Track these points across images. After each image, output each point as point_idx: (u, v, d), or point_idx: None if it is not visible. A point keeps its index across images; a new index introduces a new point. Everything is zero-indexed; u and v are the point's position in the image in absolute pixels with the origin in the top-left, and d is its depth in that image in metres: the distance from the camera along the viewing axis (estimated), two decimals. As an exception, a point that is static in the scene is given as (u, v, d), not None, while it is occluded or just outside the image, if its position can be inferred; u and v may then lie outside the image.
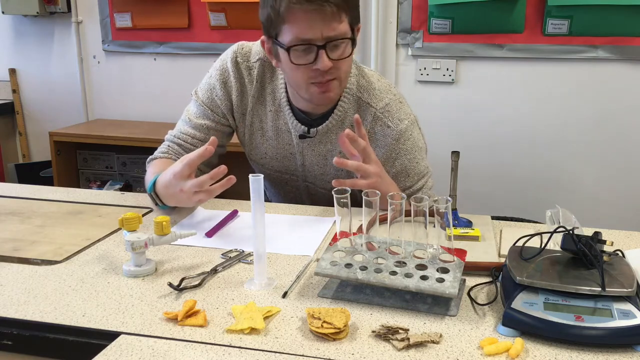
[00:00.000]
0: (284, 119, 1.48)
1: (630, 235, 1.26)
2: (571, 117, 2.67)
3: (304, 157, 1.50)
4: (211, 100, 1.50)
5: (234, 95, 1.49)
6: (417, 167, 1.46)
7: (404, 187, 1.45)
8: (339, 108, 1.43)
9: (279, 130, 1.50)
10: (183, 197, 1.26)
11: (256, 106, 1.50)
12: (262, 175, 0.98)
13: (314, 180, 1.54)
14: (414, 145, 1.45)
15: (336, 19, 1.26)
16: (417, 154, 1.46)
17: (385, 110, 1.44)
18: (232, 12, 2.88)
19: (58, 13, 3.13)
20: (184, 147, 1.50)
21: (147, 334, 0.87)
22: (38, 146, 3.40)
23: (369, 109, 1.44)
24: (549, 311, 0.85)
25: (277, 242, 1.20)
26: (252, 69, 1.48)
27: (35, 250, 1.17)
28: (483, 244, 1.19)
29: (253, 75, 1.48)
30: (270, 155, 1.54)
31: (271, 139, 1.52)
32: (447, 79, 2.74)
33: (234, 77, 1.48)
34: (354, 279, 0.96)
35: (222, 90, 1.49)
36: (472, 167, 2.67)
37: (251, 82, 1.48)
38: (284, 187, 1.60)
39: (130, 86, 3.18)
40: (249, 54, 1.49)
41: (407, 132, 1.44)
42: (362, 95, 1.44)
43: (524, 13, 2.56)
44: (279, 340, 0.85)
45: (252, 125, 1.52)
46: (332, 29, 1.26)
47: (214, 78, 1.51)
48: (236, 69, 1.48)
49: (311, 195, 1.59)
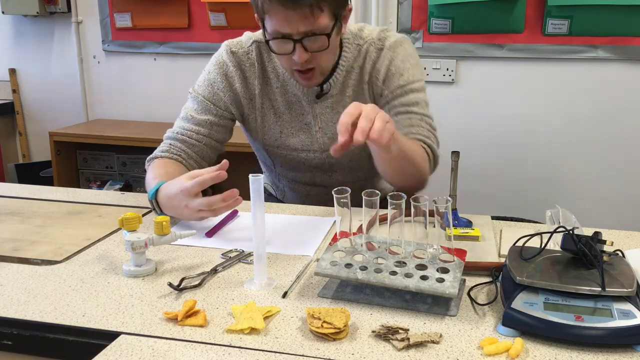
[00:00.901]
0: (292, 91, 1.50)
1: (630, 235, 1.26)
2: (571, 117, 2.67)
3: (321, 120, 1.51)
4: (213, 94, 1.50)
5: (237, 84, 1.50)
6: (410, 71, 1.47)
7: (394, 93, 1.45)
8: (342, 59, 1.47)
9: (290, 104, 1.51)
10: (186, 213, 1.24)
11: (263, 87, 1.51)
12: (262, 175, 0.98)
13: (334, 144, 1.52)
14: (407, 53, 1.49)
15: (313, 14, 1.27)
16: (411, 59, 1.49)
17: (384, 37, 1.49)
18: (232, 12, 2.88)
19: (58, 13, 3.13)
20: (187, 144, 1.48)
21: (147, 334, 0.87)
22: (38, 146, 3.40)
23: (369, 44, 1.48)
24: (549, 311, 0.85)
25: (277, 242, 1.20)
26: (250, 52, 1.50)
27: (35, 250, 1.17)
28: (483, 244, 1.19)
29: (252, 58, 1.50)
30: (286, 132, 1.54)
31: (284, 114, 1.52)
32: (447, 79, 2.74)
33: (234, 66, 1.50)
34: (354, 279, 0.96)
35: (223, 82, 1.50)
36: (472, 167, 2.67)
37: (252, 65, 1.50)
38: (301, 166, 1.58)
39: (130, 86, 3.18)
40: (241, 42, 1.52)
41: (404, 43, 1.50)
42: (359, 40, 1.48)
43: (524, 13, 2.56)
44: (279, 340, 0.85)
45: (263, 106, 1.53)
46: (308, 24, 1.28)
47: (213, 73, 1.51)
48: (234, 58, 1.50)
49: (330, 167, 1.58)
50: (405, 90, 1.46)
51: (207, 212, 1.22)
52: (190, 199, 1.22)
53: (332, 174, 1.59)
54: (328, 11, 1.30)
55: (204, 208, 1.21)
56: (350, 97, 1.49)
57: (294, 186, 1.65)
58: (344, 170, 1.58)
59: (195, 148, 1.48)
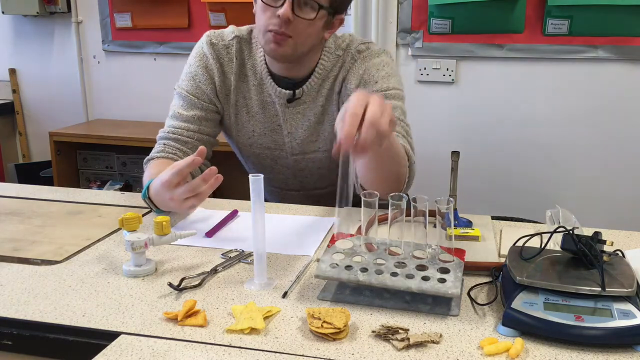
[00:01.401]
0: (267, 91, 1.49)
1: (630, 235, 1.26)
2: (571, 117, 2.67)
3: (290, 125, 1.51)
4: (196, 87, 1.50)
5: (216, 76, 1.50)
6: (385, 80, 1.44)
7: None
8: (319, 66, 1.46)
9: (264, 103, 1.51)
10: (173, 205, 1.24)
11: (239, 84, 1.51)
12: (262, 175, 0.98)
13: (301, 149, 1.54)
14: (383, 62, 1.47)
15: None
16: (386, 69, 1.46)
17: (364, 49, 1.47)
18: (232, 12, 2.88)
19: (58, 13, 3.13)
20: (180, 142, 1.48)
21: (147, 334, 0.87)
22: (38, 146, 3.40)
23: (347, 54, 1.47)
24: (549, 311, 0.85)
25: (277, 242, 1.20)
26: (230, 47, 1.50)
27: (35, 250, 1.17)
28: (483, 244, 1.19)
29: (232, 53, 1.50)
30: (258, 131, 1.54)
31: (257, 114, 1.52)
32: (447, 79, 2.74)
33: (213, 58, 1.49)
34: (355, 281, 0.95)
35: (204, 74, 1.50)
36: (472, 167, 2.67)
37: (231, 60, 1.50)
38: (273, 167, 1.59)
39: (130, 86, 3.18)
40: (222, 35, 1.52)
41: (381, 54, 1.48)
42: (339, 51, 1.48)
43: (524, 13, 2.56)
44: (279, 340, 0.85)
45: (237, 103, 1.53)
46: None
47: (194, 66, 1.51)
48: (213, 50, 1.50)
49: (299, 172, 1.58)
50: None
51: (193, 199, 1.21)
52: (172, 190, 1.22)
53: (303, 179, 1.60)
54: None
55: (188, 195, 1.20)
56: (322, 106, 1.49)
57: (267, 189, 1.65)
58: (314, 176, 1.59)
59: (188, 145, 1.48)
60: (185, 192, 1.20)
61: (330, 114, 1.50)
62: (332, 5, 1.35)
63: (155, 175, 1.35)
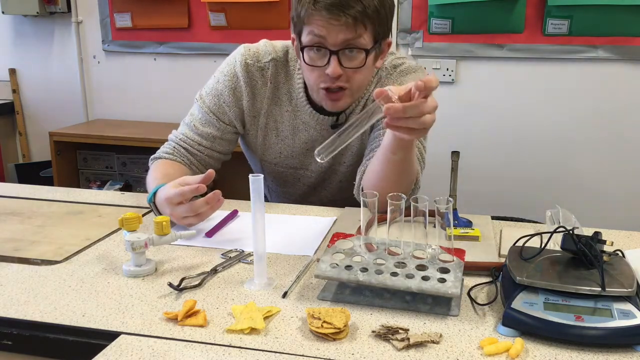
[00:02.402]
0: (302, 118, 1.46)
1: (630, 235, 1.26)
2: (571, 117, 2.67)
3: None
4: (218, 106, 1.47)
5: (245, 100, 1.46)
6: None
7: None
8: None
9: (295, 129, 1.49)
10: (173, 219, 1.24)
11: (271, 107, 1.48)
12: (262, 175, 0.98)
13: (328, 165, 1.51)
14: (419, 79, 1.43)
15: (356, 27, 1.25)
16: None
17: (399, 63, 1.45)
18: (232, 12, 2.89)
19: (58, 13, 3.13)
20: (190, 152, 1.48)
21: (147, 334, 0.87)
22: (38, 146, 3.40)
23: (382, 71, 1.44)
24: (549, 311, 0.85)
25: (277, 242, 1.20)
26: (265, 69, 1.45)
27: (35, 250, 1.17)
28: (483, 244, 1.19)
29: (267, 76, 1.45)
30: (286, 154, 1.53)
31: (287, 138, 1.50)
32: (447, 79, 2.74)
33: (244, 82, 1.45)
34: (355, 281, 0.95)
35: (230, 97, 1.46)
36: (472, 167, 2.67)
37: (265, 83, 1.46)
38: (294, 183, 1.58)
39: (130, 86, 3.18)
40: (258, 55, 1.46)
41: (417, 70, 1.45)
42: (380, 72, 1.45)
43: (524, 13, 2.56)
44: (279, 340, 0.85)
45: (267, 126, 1.50)
46: (349, 34, 1.25)
47: (222, 84, 1.46)
48: (246, 73, 1.45)
49: (319, 185, 1.57)
50: None
51: (192, 218, 1.22)
52: (173, 207, 1.22)
53: (322, 192, 1.59)
54: (370, 31, 1.28)
55: (189, 215, 1.22)
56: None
57: (282, 200, 1.64)
58: (334, 190, 1.58)
59: (197, 157, 1.48)
60: (186, 211, 1.21)
61: None
62: (376, 40, 1.30)
63: (160, 178, 1.34)
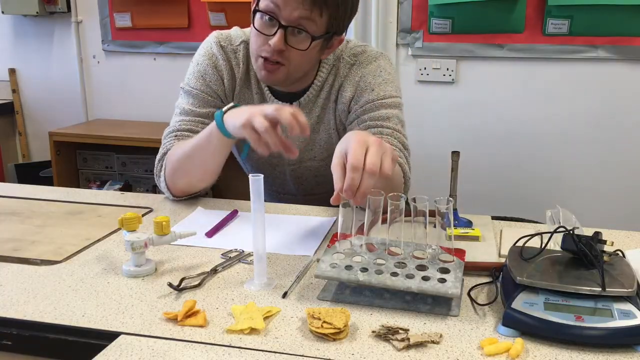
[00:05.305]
0: (266, 102, 1.47)
1: (630, 235, 1.26)
2: (571, 118, 2.67)
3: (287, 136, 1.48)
4: (206, 86, 1.46)
5: (226, 78, 1.47)
6: (382, 87, 1.41)
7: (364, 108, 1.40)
8: (317, 78, 1.45)
9: None
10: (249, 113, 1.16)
11: (242, 90, 1.49)
12: (262, 176, 0.98)
13: (298, 158, 1.48)
14: (380, 68, 1.43)
15: (311, 10, 1.26)
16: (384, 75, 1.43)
17: (359, 51, 1.45)
18: (232, 12, 2.88)
19: (58, 13, 3.13)
20: (195, 132, 1.41)
21: (147, 334, 0.87)
22: (38, 146, 3.40)
23: (341, 61, 1.45)
24: (549, 311, 0.85)
25: (277, 242, 1.20)
26: (237, 51, 1.47)
27: (35, 250, 1.17)
28: (483, 244, 1.19)
29: (239, 57, 1.47)
30: None
31: None
32: (447, 79, 2.74)
33: (223, 59, 1.46)
34: (355, 281, 0.95)
35: (215, 74, 1.46)
36: (472, 167, 2.67)
37: (238, 64, 1.47)
38: (271, 172, 1.58)
39: (130, 86, 3.18)
40: (230, 38, 1.48)
41: (378, 58, 1.44)
42: (334, 58, 1.45)
43: (524, 13, 2.56)
44: (279, 341, 0.85)
45: None
46: (303, 14, 1.26)
47: (203, 65, 1.47)
48: (223, 52, 1.46)
49: (297, 179, 1.58)
50: (375, 105, 1.40)
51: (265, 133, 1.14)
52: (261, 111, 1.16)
53: (300, 185, 1.59)
54: (325, 20, 1.29)
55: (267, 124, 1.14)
56: (318, 116, 1.48)
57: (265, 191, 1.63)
58: (311, 183, 1.58)
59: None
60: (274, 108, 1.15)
61: (326, 122, 1.49)
62: (328, 31, 1.32)
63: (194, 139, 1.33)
